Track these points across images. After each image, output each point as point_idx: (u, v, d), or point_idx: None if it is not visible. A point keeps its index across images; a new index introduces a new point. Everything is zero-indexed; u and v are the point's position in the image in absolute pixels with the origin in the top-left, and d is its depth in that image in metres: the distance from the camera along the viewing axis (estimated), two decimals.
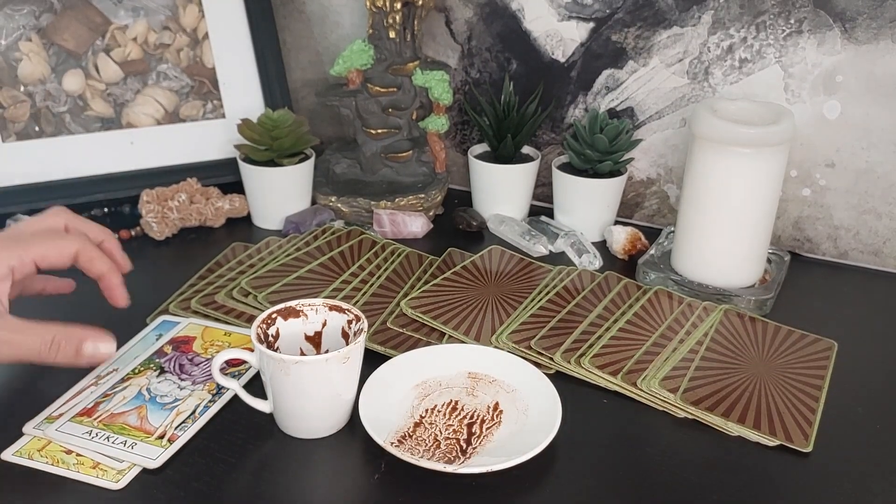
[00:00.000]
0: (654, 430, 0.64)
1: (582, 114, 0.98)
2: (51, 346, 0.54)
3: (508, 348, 0.71)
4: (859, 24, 0.82)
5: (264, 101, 1.01)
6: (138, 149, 0.96)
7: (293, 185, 0.94)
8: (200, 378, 0.66)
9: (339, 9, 1.06)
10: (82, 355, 0.55)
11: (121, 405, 0.63)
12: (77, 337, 0.55)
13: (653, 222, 0.99)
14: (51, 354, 0.54)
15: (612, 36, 0.93)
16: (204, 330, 0.73)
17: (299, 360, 0.57)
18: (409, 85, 0.97)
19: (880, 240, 0.89)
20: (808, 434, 0.63)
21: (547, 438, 0.58)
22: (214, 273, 0.82)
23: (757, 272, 0.83)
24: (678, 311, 0.78)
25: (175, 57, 0.98)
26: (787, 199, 0.91)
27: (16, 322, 0.56)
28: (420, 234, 0.93)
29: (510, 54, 0.99)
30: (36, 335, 0.55)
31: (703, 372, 0.69)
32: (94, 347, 0.55)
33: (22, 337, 0.55)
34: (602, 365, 0.69)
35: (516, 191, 0.96)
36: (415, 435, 0.60)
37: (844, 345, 0.75)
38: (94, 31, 0.95)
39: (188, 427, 0.61)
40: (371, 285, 0.80)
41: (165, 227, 0.90)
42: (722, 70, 0.89)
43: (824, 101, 0.86)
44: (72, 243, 0.61)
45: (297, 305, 0.64)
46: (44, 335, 0.55)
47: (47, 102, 0.93)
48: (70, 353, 0.54)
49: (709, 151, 0.78)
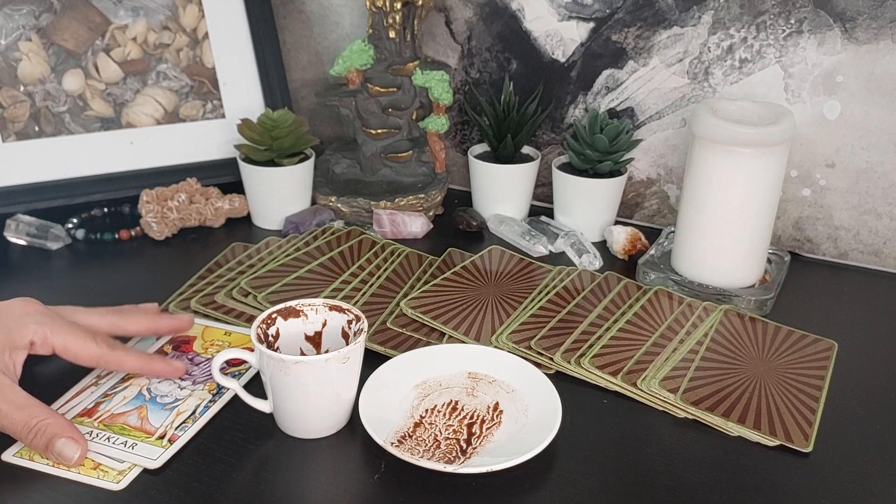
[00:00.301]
0: (654, 430, 0.64)
1: (582, 114, 0.98)
2: (29, 432, 0.56)
3: (508, 348, 0.71)
4: (859, 25, 0.82)
5: (264, 101, 1.01)
6: (138, 149, 0.96)
7: (293, 185, 0.94)
8: (201, 378, 0.66)
9: (339, 9, 1.06)
10: (50, 451, 0.56)
11: (121, 405, 0.63)
12: (52, 433, 0.56)
13: (653, 222, 0.99)
14: (27, 438, 0.56)
15: (612, 36, 0.93)
16: (204, 330, 0.73)
17: (299, 360, 0.57)
18: (409, 85, 0.97)
19: (880, 240, 0.89)
20: (808, 434, 0.63)
21: (547, 438, 0.58)
22: (214, 273, 0.82)
23: (757, 272, 0.83)
24: (678, 312, 0.78)
25: (175, 57, 0.98)
26: (787, 199, 0.91)
27: (17, 397, 0.57)
28: (420, 234, 0.93)
29: (510, 54, 0.99)
30: (24, 416, 0.56)
31: (703, 372, 0.69)
32: (63, 446, 0.56)
33: (15, 413, 0.56)
34: (602, 365, 0.69)
35: (516, 191, 0.96)
36: (415, 435, 0.60)
37: (844, 345, 0.75)
38: (94, 30, 0.95)
39: (188, 427, 0.61)
40: (371, 285, 0.80)
41: (165, 227, 0.90)
42: (722, 70, 0.89)
43: (824, 101, 0.86)
44: (97, 349, 0.62)
45: (297, 305, 0.64)
46: (29, 419, 0.56)
47: (47, 102, 0.93)
48: (40, 445, 0.56)
49: (709, 151, 0.78)
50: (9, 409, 0.56)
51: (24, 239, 0.88)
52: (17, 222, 0.88)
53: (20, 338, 0.60)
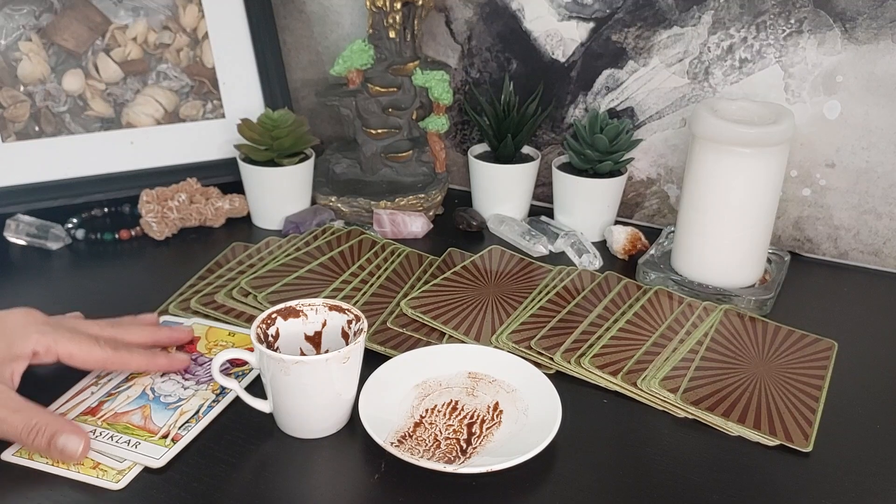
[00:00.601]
0: (654, 430, 0.64)
1: (582, 114, 0.98)
2: (30, 432, 0.56)
3: (508, 348, 0.71)
4: (859, 25, 0.82)
5: (264, 101, 1.01)
6: (138, 149, 0.96)
7: (293, 185, 0.94)
8: (204, 378, 0.66)
9: (339, 9, 1.06)
10: (53, 448, 0.56)
11: (125, 404, 0.63)
12: (53, 429, 0.56)
13: (653, 222, 0.99)
14: (28, 439, 0.56)
15: (613, 36, 0.93)
16: (208, 330, 0.73)
17: (299, 360, 0.57)
18: (409, 85, 0.97)
19: (880, 240, 0.89)
20: (808, 434, 0.63)
21: (547, 438, 0.58)
22: (214, 273, 0.82)
23: (757, 272, 0.83)
24: (678, 311, 0.78)
25: (175, 57, 0.98)
26: (787, 199, 0.91)
27: (14, 402, 0.58)
28: (420, 234, 0.93)
29: (510, 54, 0.99)
30: (24, 418, 0.57)
31: (703, 372, 0.69)
32: (65, 442, 0.56)
33: (15, 417, 0.57)
34: (602, 365, 0.69)
35: (516, 191, 0.96)
36: (415, 435, 0.60)
37: (844, 345, 0.75)
38: (94, 30, 0.95)
39: (192, 427, 0.61)
40: (371, 285, 0.80)
41: (165, 227, 0.90)
42: (722, 70, 0.89)
43: (824, 101, 0.86)
44: (101, 352, 0.63)
45: (297, 305, 0.64)
46: (28, 420, 0.56)
47: (47, 102, 0.93)
48: (43, 443, 0.56)
49: (709, 151, 0.78)
50: (6, 413, 0.56)
51: (24, 239, 0.88)
52: (17, 222, 0.88)
53: (22, 348, 0.60)
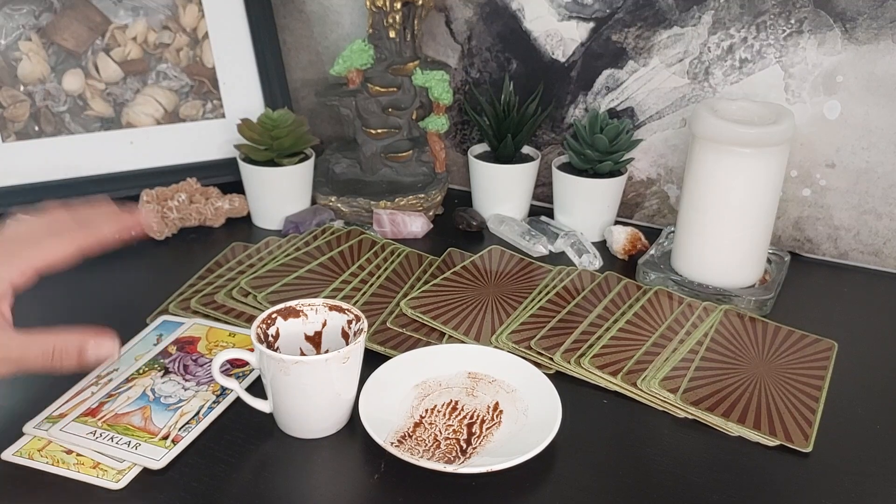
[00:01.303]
0: (654, 430, 0.64)
1: (582, 114, 0.98)
2: (53, 356, 0.54)
3: (508, 348, 0.71)
4: (860, 25, 0.82)
5: (264, 101, 1.01)
6: (138, 148, 0.96)
7: (293, 185, 0.94)
8: (205, 379, 0.66)
9: (339, 9, 1.06)
10: (86, 359, 0.54)
11: (125, 405, 0.63)
12: (77, 342, 0.54)
13: (653, 222, 0.99)
14: (55, 364, 0.54)
15: (613, 36, 0.93)
16: (209, 330, 0.73)
17: (299, 360, 0.57)
18: (409, 85, 0.97)
19: (880, 240, 0.89)
20: (808, 434, 0.63)
21: (547, 438, 0.58)
22: (214, 273, 0.82)
23: (757, 272, 0.83)
24: (678, 312, 0.78)
25: (175, 57, 0.98)
26: (787, 199, 0.91)
27: (18, 337, 0.55)
28: (420, 234, 0.93)
29: (510, 54, 0.99)
30: (38, 347, 0.54)
31: (703, 372, 0.69)
32: (97, 348, 0.54)
33: (25, 352, 0.54)
34: (602, 365, 0.69)
35: (516, 191, 0.96)
36: (415, 435, 0.60)
37: (844, 345, 0.75)
38: (94, 30, 0.95)
39: (192, 428, 0.61)
40: (371, 285, 0.80)
41: (165, 226, 0.90)
42: (722, 70, 0.89)
43: (824, 101, 0.86)
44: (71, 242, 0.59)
45: (297, 305, 0.64)
46: (44, 346, 0.54)
47: (47, 102, 0.93)
48: (73, 358, 0.54)
49: (709, 151, 0.78)
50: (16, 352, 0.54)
51: None
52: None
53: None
